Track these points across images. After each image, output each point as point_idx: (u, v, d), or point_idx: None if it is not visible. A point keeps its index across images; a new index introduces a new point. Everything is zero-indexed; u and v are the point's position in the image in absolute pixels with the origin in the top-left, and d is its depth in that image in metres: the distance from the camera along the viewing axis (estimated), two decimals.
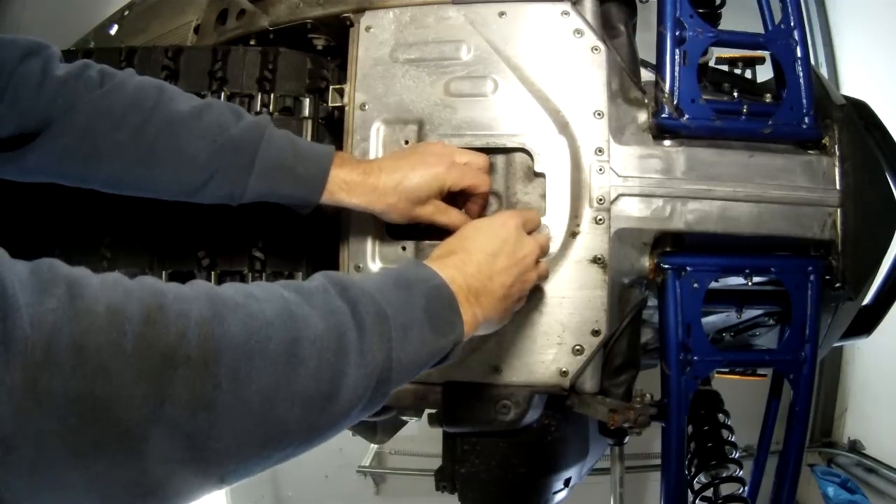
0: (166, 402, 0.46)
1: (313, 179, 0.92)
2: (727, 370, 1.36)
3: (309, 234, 1.14)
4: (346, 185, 0.93)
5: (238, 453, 0.51)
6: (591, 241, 1.03)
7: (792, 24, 1.09)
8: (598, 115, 1.04)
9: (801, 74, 1.07)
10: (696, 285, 1.03)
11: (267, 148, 0.89)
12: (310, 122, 1.14)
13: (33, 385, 0.41)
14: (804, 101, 1.07)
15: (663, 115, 1.05)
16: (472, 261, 0.78)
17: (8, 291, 0.41)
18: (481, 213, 1.03)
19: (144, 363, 0.45)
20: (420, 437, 2.94)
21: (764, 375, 1.39)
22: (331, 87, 1.13)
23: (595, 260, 1.02)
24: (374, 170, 0.94)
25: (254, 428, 0.51)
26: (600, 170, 1.04)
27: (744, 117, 1.07)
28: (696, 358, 1.03)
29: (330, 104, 1.13)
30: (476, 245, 0.81)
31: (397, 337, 0.63)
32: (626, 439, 1.16)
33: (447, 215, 0.97)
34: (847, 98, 1.18)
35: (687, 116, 1.04)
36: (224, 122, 0.89)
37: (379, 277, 0.70)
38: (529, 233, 0.91)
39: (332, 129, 1.16)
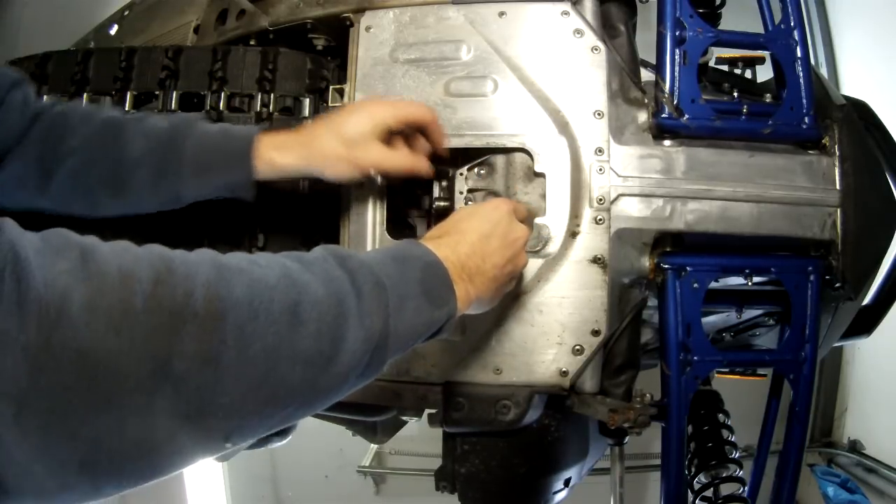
0: (174, 358, 0.48)
1: (242, 147, 0.91)
2: (727, 370, 1.36)
3: (308, 235, 1.14)
4: (277, 145, 0.91)
5: (241, 409, 0.53)
6: (591, 241, 1.03)
7: (792, 24, 1.09)
8: (598, 115, 1.04)
9: (801, 74, 1.07)
10: (696, 285, 1.03)
11: (197, 133, 0.91)
12: (310, 122, 1.14)
13: (47, 341, 0.43)
14: (804, 101, 1.07)
15: (663, 115, 1.05)
16: (466, 241, 0.79)
17: (21, 254, 0.43)
18: (439, 146, 1.00)
19: (154, 321, 0.47)
20: (420, 437, 2.94)
21: (764, 375, 1.39)
22: (331, 87, 1.13)
23: (595, 260, 1.02)
24: (307, 126, 0.94)
25: (257, 385, 0.53)
26: (600, 170, 1.04)
27: (744, 117, 1.07)
28: (696, 358, 1.03)
29: (330, 104, 1.13)
30: (470, 226, 0.82)
31: (394, 306, 0.65)
32: (626, 439, 1.16)
33: (393, 158, 0.94)
34: (847, 98, 1.18)
35: (687, 116, 1.04)
36: (157, 122, 0.93)
37: (376, 253, 0.73)
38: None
39: None
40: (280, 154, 0.91)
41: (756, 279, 1.06)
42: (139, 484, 0.50)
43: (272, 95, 1.13)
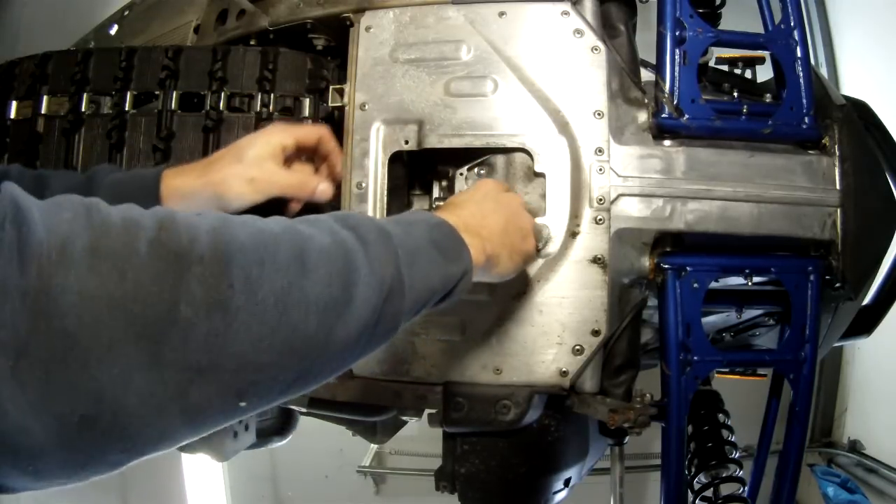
0: (182, 301, 0.46)
1: (149, 183, 0.91)
2: (727, 370, 1.36)
3: None
4: (179, 171, 0.92)
5: (256, 361, 0.51)
6: (591, 241, 1.03)
7: (792, 24, 1.09)
8: (598, 115, 1.04)
9: (801, 74, 1.07)
10: (696, 285, 1.03)
11: (107, 182, 0.91)
12: (310, 122, 1.14)
13: (48, 284, 0.41)
14: (804, 101, 1.07)
15: (663, 115, 1.05)
16: (462, 208, 0.83)
17: (21, 205, 0.43)
18: (334, 170, 1.02)
19: (159, 263, 0.46)
20: (420, 437, 2.94)
21: (764, 375, 1.39)
22: (331, 87, 1.13)
23: (595, 260, 1.02)
24: (211, 155, 0.95)
25: (270, 333, 0.51)
26: (600, 170, 1.04)
27: (744, 117, 1.07)
28: (696, 358, 1.03)
29: (330, 104, 1.13)
30: (462, 199, 0.87)
31: (404, 256, 0.64)
32: (626, 439, 1.16)
33: (285, 176, 0.94)
34: (847, 98, 1.18)
35: (687, 116, 1.04)
36: (73, 178, 0.92)
37: (378, 219, 0.72)
38: None
39: (333, 129, 1.16)
40: (181, 178, 0.91)
41: (756, 279, 1.06)
42: (147, 451, 0.48)
43: (272, 95, 1.13)
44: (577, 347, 1.01)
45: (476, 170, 1.11)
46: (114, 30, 1.56)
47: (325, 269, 0.56)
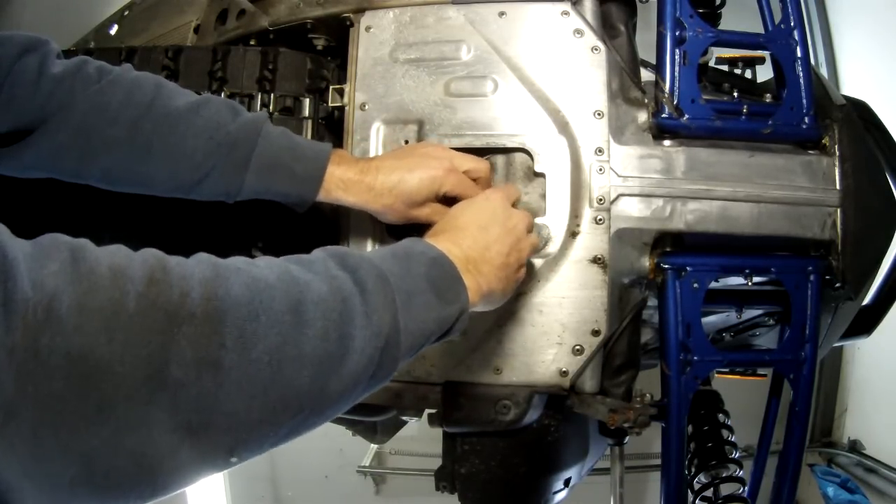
0: (171, 362, 0.45)
1: (310, 177, 0.91)
2: (727, 370, 1.36)
3: (309, 237, 1.14)
4: (342, 184, 0.93)
5: (248, 419, 0.50)
6: (591, 241, 1.03)
7: (792, 24, 1.09)
8: (598, 115, 1.04)
9: (801, 74, 1.07)
10: (696, 285, 1.03)
11: (264, 145, 0.89)
12: (310, 122, 1.14)
13: (35, 345, 0.40)
14: (804, 101, 1.07)
15: (663, 115, 1.05)
16: (466, 234, 0.79)
17: (8, 256, 0.41)
18: None
19: (148, 322, 0.45)
20: (420, 437, 2.94)
21: (764, 375, 1.39)
22: (331, 87, 1.13)
23: (595, 260, 1.02)
24: (371, 169, 0.93)
25: (262, 391, 0.50)
26: (600, 170, 1.04)
27: (744, 117, 1.07)
28: (696, 358, 1.03)
29: (330, 104, 1.13)
30: (466, 221, 0.82)
31: (401, 301, 0.63)
32: (626, 439, 1.16)
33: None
34: (847, 98, 1.18)
35: (687, 116, 1.04)
36: (221, 118, 0.89)
37: (376, 251, 0.72)
38: (513, 206, 0.92)
39: (333, 129, 1.16)
40: (344, 193, 0.93)
41: (756, 279, 1.06)
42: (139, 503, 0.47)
43: (272, 95, 1.13)
44: (577, 347, 1.01)
45: None
46: (114, 30, 1.56)
47: (322, 323, 0.55)
